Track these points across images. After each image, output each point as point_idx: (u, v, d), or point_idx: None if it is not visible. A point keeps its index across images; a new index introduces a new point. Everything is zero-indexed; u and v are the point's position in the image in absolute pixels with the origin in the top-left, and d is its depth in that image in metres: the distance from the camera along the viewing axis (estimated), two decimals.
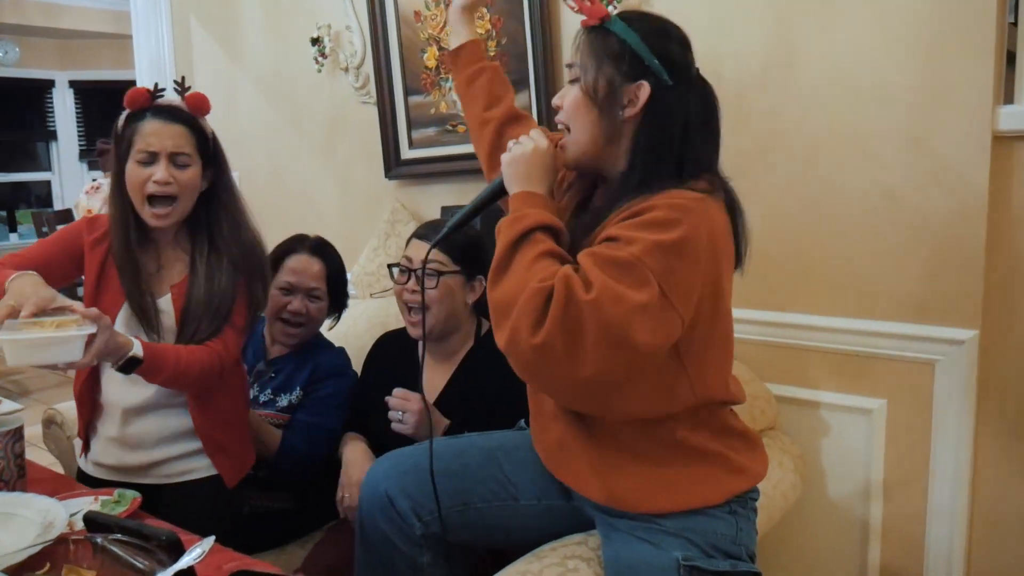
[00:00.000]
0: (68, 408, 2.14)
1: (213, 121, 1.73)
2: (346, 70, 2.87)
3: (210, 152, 1.73)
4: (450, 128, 2.61)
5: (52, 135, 7.97)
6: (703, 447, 1.31)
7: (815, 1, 1.86)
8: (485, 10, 2.41)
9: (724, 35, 2.02)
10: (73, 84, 7.93)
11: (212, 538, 1.04)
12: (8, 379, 5.36)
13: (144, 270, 1.71)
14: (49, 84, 7.88)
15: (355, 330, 2.39)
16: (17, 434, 1.41)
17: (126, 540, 1.08)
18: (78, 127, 8.00)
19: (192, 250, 1.74)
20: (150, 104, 1.69)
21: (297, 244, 2.15)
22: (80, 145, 7.99)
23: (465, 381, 1.81)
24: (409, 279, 1.79)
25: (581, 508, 1.44)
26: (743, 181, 1.98)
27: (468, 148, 2.57)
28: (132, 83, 3.64)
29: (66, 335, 1.37)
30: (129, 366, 1.52)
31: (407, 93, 2.69)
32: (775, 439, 1.90)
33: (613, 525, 1.34)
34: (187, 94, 1.71)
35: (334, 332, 2.35)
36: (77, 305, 1.44)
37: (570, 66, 1.34)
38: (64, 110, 7.95)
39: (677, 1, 2.08)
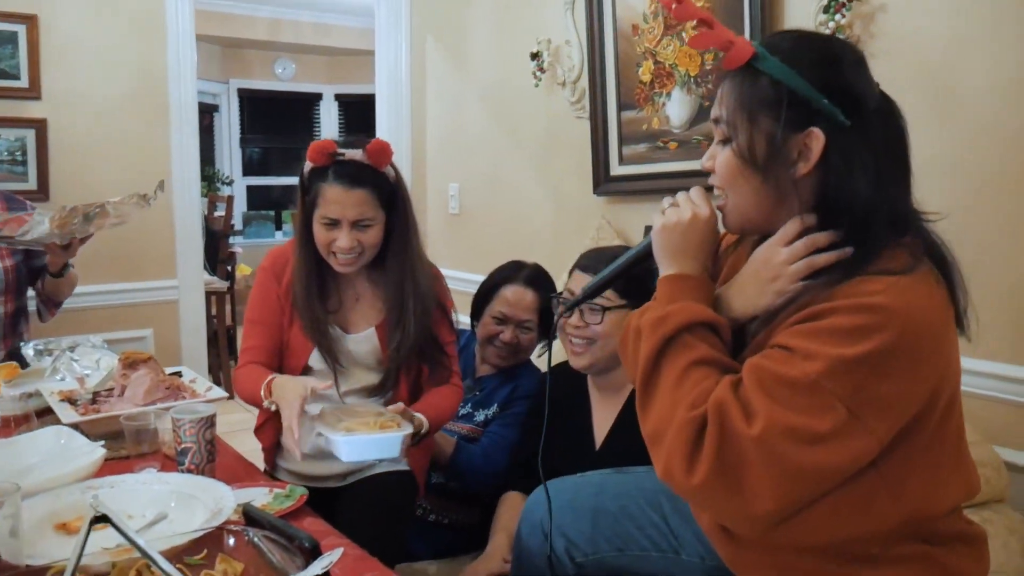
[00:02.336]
0: None
1: (439, 131, 1.76)
2: (563, 84, 2.86)
3: (393, 197, 1.76)
4: (661, 145, 2.52)
5: None
6: (904, 553, 1.06)
7: None
8: None
9: (967, 51, 1.77)
10: (338, 97, 8.67)
11: (340, 550, 1.05)
12: None
13: (328, 314, 1.78)
14: (318, 97, 8.67)
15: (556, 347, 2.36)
16: (208, 422, 1.51)
17: (273, 538, 1.12)
18: (340, 136, 8.73)
19: (383, 283, 1.80)
20: (331, 163, 1.70)
21: (514, 273, 2.18)
22: None
23: (632, 420, 1.71)
24: (572, 313, 1.72)
25: None
26: (984, 212, 1.74)
27: (678, 166, 2.47)
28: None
29: (392, 436, 1.51)
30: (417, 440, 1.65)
31: (620, 108, 2.63)
32: (1001, 514, 1.61)
33: None
34: (368, 145, 1.71)
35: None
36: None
37: (716, 121, 1.11)
38: (329, 120, 8.71)
39: (907, 15, 1.86)
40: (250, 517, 1.22)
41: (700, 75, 2.36)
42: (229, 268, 5.44)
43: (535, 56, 2.92)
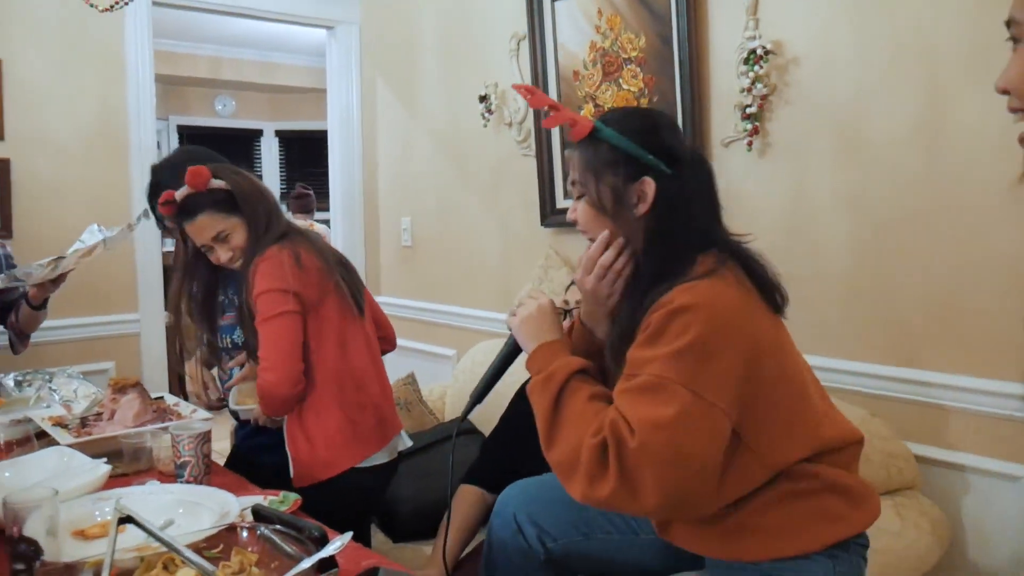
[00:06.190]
0: None
1: (390, 167, 1.92)
2: (509, 125, 3.08)
3: (234, 199, 1.94)
4: None
5: (259, 179, 8.80)
6: (796, 506, 1.31)
7: (967, 61, 1.85)
8: (638, 68, 2.55)
9: (869, 101, 2.04)
10: (279, 133, 8.76)
11: (350, 533, 1.22)
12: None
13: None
14: (258, 133, 8.74)
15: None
16: (205, 437, 1.66)
17: (283, 531, 1.28)
18: (280, 172, 8.81)
19: None
20: (173, 212, 1.93)
21: None
22: (281, 188, 8.78)
23: None
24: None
25: None
26: (884, 244, 2.00)
27: None
28: (327, 132, 4.04)
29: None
30: None
31: (564, 146, 2.86)
32: (912, 499, 1.86)
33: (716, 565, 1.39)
34: (185, 177, 1.90)
35: (464, 367, 2.54)
36: None
37: (573, 183, 1.39)
38: (270, 156, 8.79)
39: (816, 67, 2.13)
40: (259, 515, 1.37)
41: None
42: None
43: (483, 99, 3.14)
